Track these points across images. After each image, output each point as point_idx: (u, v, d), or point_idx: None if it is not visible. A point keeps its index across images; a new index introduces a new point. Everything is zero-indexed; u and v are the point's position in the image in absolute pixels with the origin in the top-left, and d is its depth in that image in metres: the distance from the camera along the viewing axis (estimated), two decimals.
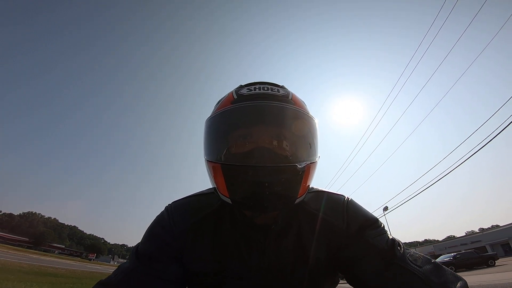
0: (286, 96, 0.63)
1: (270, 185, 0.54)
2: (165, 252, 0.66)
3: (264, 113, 0.60)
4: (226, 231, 0.67)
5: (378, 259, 0.60)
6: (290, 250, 0.66)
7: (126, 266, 0.66)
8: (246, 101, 0.60)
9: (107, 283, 0.63)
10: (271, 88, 0.63)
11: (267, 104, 0.59)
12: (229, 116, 0.61)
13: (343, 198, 0.72)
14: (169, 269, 0.65)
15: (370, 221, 0.67)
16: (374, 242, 0.63)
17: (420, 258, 0.62)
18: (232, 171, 0.57)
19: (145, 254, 0.66)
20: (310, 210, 0.69)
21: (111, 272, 0.68)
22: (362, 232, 0.65)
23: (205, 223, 0.68)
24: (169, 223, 0.68)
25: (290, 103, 0.61)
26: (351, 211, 0.69)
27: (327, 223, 0.67)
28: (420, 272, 0.57)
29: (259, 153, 0.57)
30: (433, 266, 0.60)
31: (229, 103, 0.62)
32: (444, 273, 0.59)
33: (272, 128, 0.59)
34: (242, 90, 0.64)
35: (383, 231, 0.66)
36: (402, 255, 0.61)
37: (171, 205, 0.73)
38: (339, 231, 0.66)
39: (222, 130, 0.63)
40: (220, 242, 0.67)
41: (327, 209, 0.69)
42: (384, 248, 0.61)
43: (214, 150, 0.63)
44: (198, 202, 0.72)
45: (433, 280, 0.56)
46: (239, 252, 0.66)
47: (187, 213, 0.69)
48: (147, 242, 0.68)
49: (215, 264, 0.65)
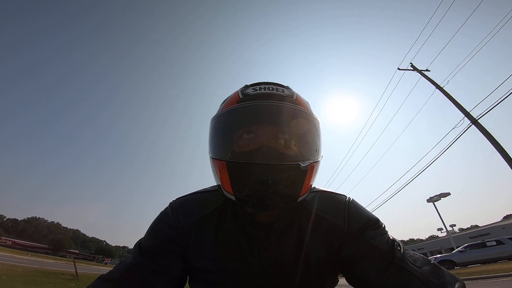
0: (290, 96, 0.64)
1: (274, 183, 0.55)
2: (168, 248, 0.67)
3: (269, 113, 0.61)
4: (228, 229, 0.69)
5: (378, 259, 0.61)
6: (291, 249, 0.67)
7: (128, 261, 0.67)
8: (251, 100, 0.61)
9: (109, 278, 0.64)
10: (276, 88, 0.64)
11: (272, 104, 0.61)
12: (235, 115, 0.62)
13: (344, 198, 0.73)
14: (172, 264, 0.66)
15: (372, 222, 0.67)
16: (374, 242, 0.63)
17: (419, 259, 0.62)
18: (237, 168, 0.58)
19: (149, 249, 0.67)
20: (311, 209, 0.70)
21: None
22: (363, 232, 0.65)
23: (209, 220, 0.69)
24: (173, 219, 0.69)
25: (294, 103, 0.63)
26: (352, 211, 0.69)
27: (328, 223, 0.68)
28: (419, 272, 0.58)
29: (263, 152, 0.57)
30: (432, 267, 0.60)
31: (235, 102, 0.63)
32: (442, 274, 0.59)
33: (276, 127, 0.60)
34: (248, 90, 0.65)
35: (384, 232, 0.67)
36: (402, 256, 0.61)
37: (175, 201, 0.74)
38: (340, 230, 0.66)
39: (227, 129, 0.64)
40: (223, 239, 0.68)
41: (329, 209, 0.70)
42: (384, 249, 0.62)
43: (220, 148, 0.65)
44: (202, 199, 0.73)
45: (432, 280, 0.57)
46: (240, 249, 0.67)
47: (191, 210, 0.70)
48: (151, 238, 0.69)
49: (217, 261, 0.66)
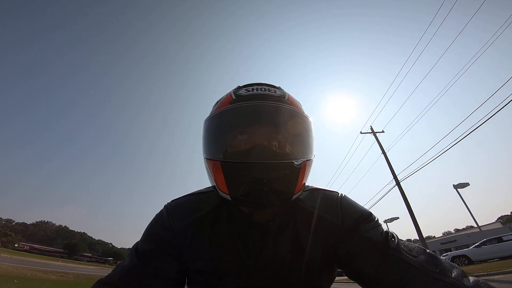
0: (282, 96, 0.66)
1: (268, 182, 0.56)
2: (164, 250, 0.67)
3: (262, 113, 0.62)
4: (224, 230, 0.69)
5: (374, 252, 0.62)
6: (287, 248, 0.67)
7: (125, 264, 0.67)
8: (244, 101, 0.63)
9: (108, 282, 0.64)
10: (268, 89, 0.66)
11: (264, 104, 0.62)
12: (228, 115, 0.63)
13: (336, 195, 0.74)
14: (168, 267, 0.67)
15: (364, 215, 0.69)
16: (368, 235, 0.64)
17: (415, 249, 0.63)
18: (231, 168, 0.59)
19: (145, 252, 0.67)
20: (306, 208, 0.71)
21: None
22: (357, 226, 0.66)
23: (204, 222, 0.70)
24: (168, 221, 0.69)
25: (286, 103, 0.64)
26: (344, 207, 0.71)
27: (323, 220, 0.69)
28: (416, 261, 0.58)
29: (257, 151, 0.58)
30: (428, 256, 0.61)
31: (228, 103, 0.64)
32: (439, 262, 0.60)
33: (269, 127, 0.62)
34: (240, 91, 0.66)
35: (377, 224, 0.68)
36: (396, 246, 0.62)
37: (170, 203, 0.74)
38: (334, 227, 0.68)
39: (222, 129, 0.65)
40: (219, 240, 0.68)
41: (323, 206, 0.71)
42: (378, 240, 0.63)
43: (214, 149, 0.65)
44: (197, 201, 0.74)
45: (430, 269, 0.57)
46: (237, 250, 0.67)
47: (186, 212, 0.71)
48: (147, 241, 0.69)
49: (213, 262, 0.66)
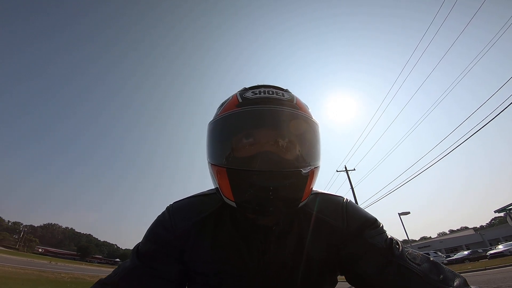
0: (291, 100, 0.63)
1: (275, 190, 0.55)
2: (165, 252, 0.67)
3: (270, 118, 0.60)
4: (226, 232, 0.68)
5: (377, 258, 0.61)
6: (290, 251, 0.67)
7: (127, 265, 0.67)
8: (251, 105, 0.60)
9: (108, 282, 0.64)
10: (276, 92, 0.64)
11: (272, 109, 0.60)
12: (235, 119, 0.61)
13: (342, 200, 0.74)
14: (169, 269, 0.66)
15: (370, 221, 0.68)
16: (373, 241, 0.63)
17: (418, 256, 0.62)
18: (237, 175, 0.58)
19: (146, 253, 0.67)
20: (310, 211, 0.70)
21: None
22: (362, 231, 0.66)
23: (206, 224, 0.69)
24: (169, 222, 0.69)
25: (295, 108, 0.62)
26: (350, 212, 0.70)
27: (327, 224, 0.68)
28: (419, 270, 0.58)
29: (264, 158, 0.57)
30: (431, 264, 0.60)
31: (234, 106, 0.62)
32: (442, 270, 0.59)
33: (277, 133, 0.60)
34: (247, 93, 0.64)
35: (382, 231, 0.67)
36: (400, 254, 0.61)
37: (173, 205, 0.74)
38: (338, 231, 0.67)
39: (227, 134, 0.63)
40: (221, 242, 0.67)
41: (327, 210, 0.70)
42: (383, 247, 0.62)
43: (219, 154, 0.64)
44: (200, 203, 0.73)
45: (432, 277, 0.57)
46: (239, 252, 0.66)
47: (188, 214, 0.70)
48: (148, 242, 0.69)
49: (215, 264, 0.66)
